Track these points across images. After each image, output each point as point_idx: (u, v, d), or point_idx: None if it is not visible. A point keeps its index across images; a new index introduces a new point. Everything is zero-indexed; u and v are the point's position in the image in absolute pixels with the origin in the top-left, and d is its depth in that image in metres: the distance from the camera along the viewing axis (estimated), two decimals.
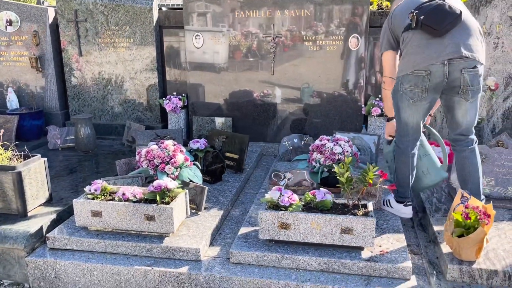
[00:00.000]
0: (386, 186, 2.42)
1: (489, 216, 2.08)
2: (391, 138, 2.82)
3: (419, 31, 2.30)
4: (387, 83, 2.61)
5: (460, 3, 2.43)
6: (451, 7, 2.26)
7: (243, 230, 2.48)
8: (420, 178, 2.73)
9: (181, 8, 4.34)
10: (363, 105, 4.07)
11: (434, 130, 2.87)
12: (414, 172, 2.63)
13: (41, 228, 2.53)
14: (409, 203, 2.68)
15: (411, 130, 2.52)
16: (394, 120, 2.69)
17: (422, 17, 2.24)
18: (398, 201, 2.68)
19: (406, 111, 2.47)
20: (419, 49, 2.31)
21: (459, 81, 2.30)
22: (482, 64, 2.32)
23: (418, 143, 2.61)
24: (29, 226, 2.50)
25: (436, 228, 2.47)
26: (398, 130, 2.59)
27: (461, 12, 2.26)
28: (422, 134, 2.64)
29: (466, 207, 2.13)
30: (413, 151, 2.57)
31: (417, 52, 2.31)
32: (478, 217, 2.07)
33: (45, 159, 2.80)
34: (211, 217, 2.64)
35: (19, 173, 2.56)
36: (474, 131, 2.52)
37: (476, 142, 2.54)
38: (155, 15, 4.40)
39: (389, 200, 2.73)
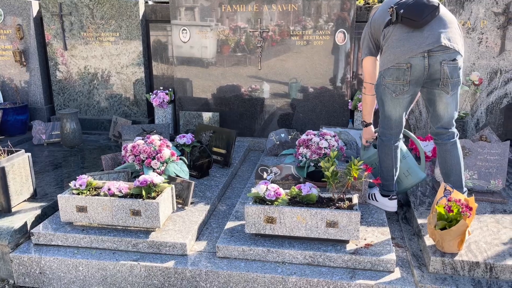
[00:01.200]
0: (371, 180, 2.45)
1: (471, 209, 2.11)
2: (368, 144, 2.88)
3: (399, 25, 2.35)
4: (367, 89, 2.65)
5: None
6: (428, 0, 2.29)
7: (229, 224, 2.49)
8: (402, 180, 2.78)
9: (168, 2, 4.30)
10: (349, 100, 4.10)
11: (409, 132, 2.90)
12: (398, 165, 2.67)
13: (26, 223, 2.50)
14: (394, 197, 2.71)
15: (394, 123, 2.56)
16: (371, 126, 2.79)
17: (401, 11, 2.28)
18: (383, 195, 2.71)
19: (389, 105, 2.51)
20: (400, 43, 2.34)
21: (439, 74, 2.34)
22: (461, 56, 2.36)
23: (401, 135, 2.65)
24: (13, 222, 2.47)
25: (420, 221, 2.51)
26: (382, 123, 2.62)
27: (438, 4, 2.30)
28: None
29: (449, 200, 2.17)
30: (396, 143, 2.61)
31: (397, 45, 2.35)
32: (460, 210, 2.10)
33: (29, 154, 2.77)
34: (198, 212, 2.64)
35: (3, 169, 2.52)
36: (455, 124, 2.56)
37: (457, 135, 2.57)
38: (141, 9, 4.36)
39: (374, 194, 2.76)
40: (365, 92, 2.68)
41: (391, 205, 2.71)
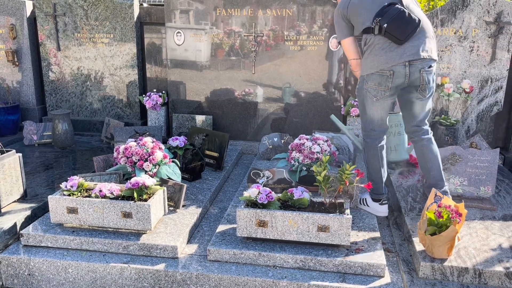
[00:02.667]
0: (362, 185, 2.46)
1: (460, 215, 2.13)
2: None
3: (382, 36, 2.44)
4: (354, 65, 2.69)
5: (414, 2, 2.55)
6: (410, 15, 2.40)
7: (221, 227, 2.49)
8: (387, 152, 2.87)
9: (163, 5, 4.31)
10: (342, 105, 4.12)
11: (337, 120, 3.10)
12: (385, 166, 2.73)
13: (15, 224, 2.48)
14: (385, 201, 2.73)
15: (377, 125, 2.65)
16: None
17: (385, 25, 2.37)
18: (373, 199, 2.74)
19: (370, 108, 2.61)
20: (383, 51, 2.46)
21: (419, 81, 2.49)
22: (436, 61, 2.53)
23: (385, 136, 2.73)
24: (2, 223, 2.45)
25: (410, 226, 2.52)
26: (364, 126, 2.70)
27: (419, 20, 2.42)
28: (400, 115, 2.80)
29: (439, 206, 2.19)
30: (381, 144, 2.68)
31: (380, 54, 2.46)
32: (450, 216, 2.13)
33: (20, 154, 2.75)
34: (189, 215, 2.64)
35: None
36: (428, 123, 2.70)
37: (431, 132, 2.69)
38: (136, 11, 4.36)
39: (365, 199, 2.77)
40: (353, 69, 2.72)
41: (382, 210, 2.73)
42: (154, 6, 4.71)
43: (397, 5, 2.41)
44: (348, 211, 2.27)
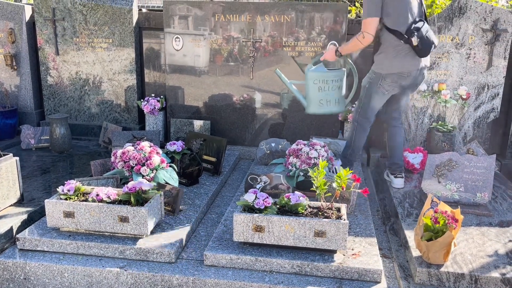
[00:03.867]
0: (359, 191, 2.47)
1: (457, 220, 2.14)
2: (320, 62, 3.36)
3: (409, 45, 2.89)
4: (367, 39, 2.91)
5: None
6: (433, 35, 2.92)
7: (218, 232, 2.49)
8: (328, 104, 3.33)
9: (161, 10, 4.33)
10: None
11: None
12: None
13: (11, 228, 2.47)
14: (399, 175, 3.25)
15: (374, 113, 3.18)
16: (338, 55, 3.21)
17: (418, 40, 2.84)
18: (391, 173, 3.29)
19: (377, 100, 3.09)
20: (408, 57, 2.93)
21: (418, 81, 3.07)
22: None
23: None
24: None
25: (407, 232, 2.53)
26: (364, 113, 3.16)
27: (433, 43, 2.92)
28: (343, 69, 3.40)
29: (435, 212, 2.19)
30: (370, 125, 3.23)
31: (406, 59, 2.93)
32: (447, 221, 2.13)
33: (17, 158, 2.74)
34: (186, 220, 2.64)
35: None
36: None
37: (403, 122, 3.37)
38: (135, 16, 4.38)
39: (387, 172, 3.36)
40: (362, 42, 2.93)
41: (397, 182, 3.24)
42: (153, 11, 4.74)
43: (425, 23, 2.89)
44: (345, 216, 2.28)
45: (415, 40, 2.82)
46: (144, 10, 4.79)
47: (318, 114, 3.44)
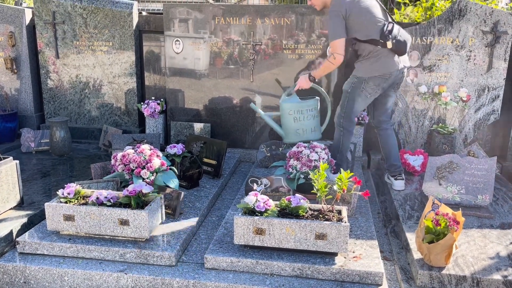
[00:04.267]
0: (360, 193, 2.46)
1: (458, 223, 2.13)
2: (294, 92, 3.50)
3: (387, 48, 2.99)
4: (338, 60, 3.06)
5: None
6: (405, 34, 3.05)
7: (218, 235, 2.48)
8: (305, 133, 3.46)
9: (161, 13, 4.33)
10: None
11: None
12: None
13: (11, 232, 2.46)
14: (399, 177, 3.29)
15: (356, 115, 3.26)
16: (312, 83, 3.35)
17: (394, 41, 2.95)
18: (392, 175, 3.32)
19: (360, 103, 3.16)
20: (386, 60, 3.03)
21: (398, 80, 3.17)
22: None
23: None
24: None
25: (408, 235, 2.52)
26: (348, 117, 3.21)
27: (407, 41, 3.04)
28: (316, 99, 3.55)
29: (436, 214, 2.19)
30: (354, 127, 3.31)
31: (385, 61, 3.02)
32: (448, 224, 2.12)
33: (17, 161, 2.74)
34: (187, 223, 2.63)
35: None
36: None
37: (393, 124, 3.41)
38: (135, 19, 4.38)
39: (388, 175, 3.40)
40: (333, 62, 3.08)
41: (397, 184, 3.27)
42: (153, 14, 4.75)
43: (394, 24, 3.00)
44: (345, 219, 2.27)
45: (389, 43, 2.94)
46: (144, 13, 4.80)
47: (296, 142, 3.49)
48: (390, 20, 3.07)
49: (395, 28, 2.99)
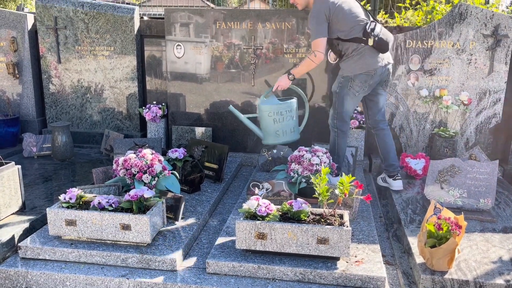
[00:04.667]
0: (362, 197, 2.46)
1: (460, 227, 2.13)
2: (271, 93, 3.51)
3: (370, 46, 3.09)
4: (319, 57, 3.14)
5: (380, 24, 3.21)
6: (387, 32, 3.15)
7: (220, 240, 2.47)
8: (285, 134, 3.46)
9: (163, 18, 4.35)
10: None
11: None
12: None
13: (13, 237, 2.47)
14: (398, 177, 3.33)
15: (349, 116, 3.31)
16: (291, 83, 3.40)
17: (376, 39, 3.06)
18: (389, 176, 3.37)
19: (349, 102, 3.22)
20: (369, 57, 3.10)
21: (385, 77, 3.23)
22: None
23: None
24: (0, 235, 2.43)
25: (410, 239, 2.51)
26: (341, 117, 3.27)
27: (389, 38, 3.16)
28: (294, 100, 3.56)
29: (438, 218, 2.18)
30: (348, 128, 3.37)
31: (368, 58, 3.10)
32: (450, 228, 2.12)
33: (19, 166, 2.74)
34: (188, 227, 2.63)
35: None
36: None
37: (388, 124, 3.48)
38: (136, 24, 4.40)
39: (384, 177, 3.47)
40: (314, 61, 3.16)
41: (396, 184, 3.32)
42: (154, 19, 4.76)
43: (376, 22, 3.10)
44: (347, 223, 2.27)
45: (371, 41, 3.05)
46: (145, 18, 4.82)
47: (275, 144, 3.54)
48: (372, 19, 3.16)
49: (377, 27, 3.08)
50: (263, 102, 3.49)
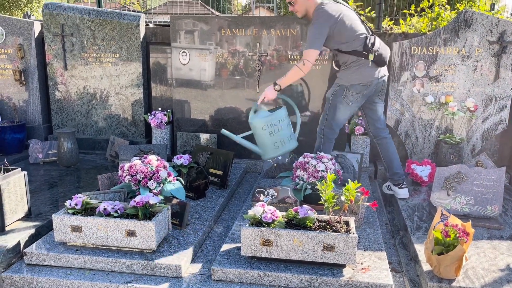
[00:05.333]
0: (368, 204, 2.44)
1: (468, 234, 2.11)
2: (259, 107, 3.40)
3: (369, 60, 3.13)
4: (307, 67, 3.13)
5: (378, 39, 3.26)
6: (383, 50, 3.18)
7: (225, 246, 2.47)
8: (285, 143, 3.33)
9: (168, 25, 4.37)
10: (346, 124, 4.12)
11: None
12: None
13: (19, 243, 2.47)
14: (404, 186, 3.32)
15: (340, 125, 3.31)
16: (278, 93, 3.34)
17: (376, 53, 3.11)
18: (395, 184, 3.37)
19: (342, 111, 3.23)
20: (368, 69, 3.15)
21: (380, 87, 3.27)
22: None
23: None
24: (6, 241, 2.44)
25: (417, 246, 2.49)
26: (330, 125, 3.28)
27: (387, 54, 3.21)
28: (283, 108, 3.43)
29: (446, 225, 2.16)
30: (335, 137, 3.37)
31: (366, 70, 3.14)
32: (457, 235, 2.10)
33: (25, 172, 2.75)
34: (193, 234, 2.62)
35: None
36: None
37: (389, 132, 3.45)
38: (142, 31, 4.43)
39: (389, 185, 3.47)
40: (303, 70, 3.15)
41: (402, 193, 3.31)
42: (160, 26, 4.79)
43: (376, 37, 3.16)
44: (353, 230, 2.25)
45: (372, 56, 3.09)
46: (151, 25, 4.85)
47: (275, 157, 3.41)
48: (370, 32, 3.20)
49: (377, 41, 3.15)
50: (254, 118, 3.37)
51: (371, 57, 3.09)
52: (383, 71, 3.26)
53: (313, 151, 3.38)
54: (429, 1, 4.55)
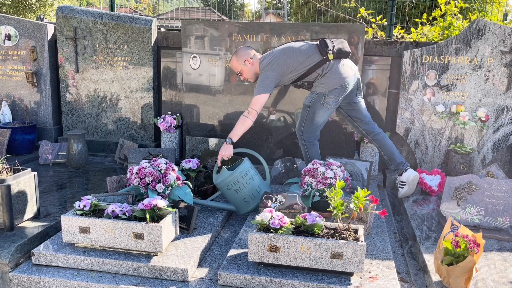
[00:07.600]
0: (377, 212, 2.42)
1: (478, 245, 2.08)
2: (220, 165, 3.19)
3: (334, 60, 3.21)
4: (253, 115, 3.20)
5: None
6: (338, 46, 3.25)
7: (232, 252, 2.46)
8: (247, 206, 3.08)
9: (180, 30, 4.40)
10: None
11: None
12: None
13: (27, 243, 2.48)
14: (407, 167, 3.42)
15: (319, 128, 3.39)
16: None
17: (335, 50, 3.19)
18: (399, 175, 3.44)
19: (321, 116, 3.31)
20: (340, 69, 3.21)
21: (356, 85, 3.35)
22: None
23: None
24: (14, 241, 2.45)
25: (426, 256, 2.47)
26: (309, 130, 3.35)
27: (342, 45, 3.27)
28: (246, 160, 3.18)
29: (456, 236, 2.14)
30: (317, 139, 3.43)
31: (339, 71, 3.21)
32: (468, 246, 2.07)
33: (35, 173, 2.77)
34: (201, 238, 2.61)
35: (8, 186, 2.53)
36: None
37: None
38: (154, 35, 4.46)
39: (399, 181, 3.48)
40: (249, 117, 3.20)
41: (412, 174, 3.41)
42: (171, 31, 4.82)
43: (325, 39, 3.22)
44: (362, 238, 2.23)
45: (331, 55, 3.17)
46: (162, 29, 4.88)
47: (250, 211, 3.13)
48: (319, 40, 3.25)
49: (328, 42, 3.21)
50: (216, 179, 3.15)
51: (330, 56, 3.16)
52: (354, 68, 3.33)
53: (304, 160, 3.43)
54: (441, 10, 4.54)
